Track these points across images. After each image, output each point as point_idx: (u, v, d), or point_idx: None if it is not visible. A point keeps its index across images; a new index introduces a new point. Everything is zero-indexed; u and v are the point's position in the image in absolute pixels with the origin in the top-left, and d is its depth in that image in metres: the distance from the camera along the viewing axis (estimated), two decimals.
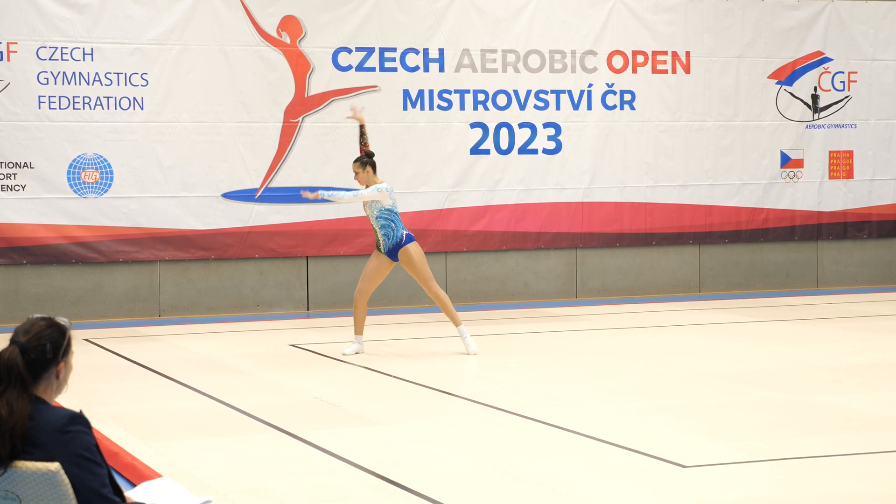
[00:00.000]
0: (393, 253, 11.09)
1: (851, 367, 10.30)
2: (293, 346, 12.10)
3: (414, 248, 11.10)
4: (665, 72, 16.29)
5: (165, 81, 14.44)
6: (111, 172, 14.30)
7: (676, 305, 15.32)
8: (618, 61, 16.10)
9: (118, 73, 14.29)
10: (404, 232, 11.10)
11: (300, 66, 14.91)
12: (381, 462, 6.94)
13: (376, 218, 11.05)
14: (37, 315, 4.15)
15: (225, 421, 8.34)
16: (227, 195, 14.73)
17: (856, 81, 17.05)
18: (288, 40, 14.87)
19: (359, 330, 11.24)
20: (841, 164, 17.05)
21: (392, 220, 11.05)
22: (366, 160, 11.16)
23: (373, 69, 15.20)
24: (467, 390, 9.35)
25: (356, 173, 11.17)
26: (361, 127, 11.54)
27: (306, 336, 12.85)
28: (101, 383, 9.96)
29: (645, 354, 11.27)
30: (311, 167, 14.97)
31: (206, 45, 14.58)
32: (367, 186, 11.08)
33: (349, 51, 15.10)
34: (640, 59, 16.19)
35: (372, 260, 11.22)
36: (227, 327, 13.78)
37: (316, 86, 14.97)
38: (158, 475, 6.25)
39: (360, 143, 11.44)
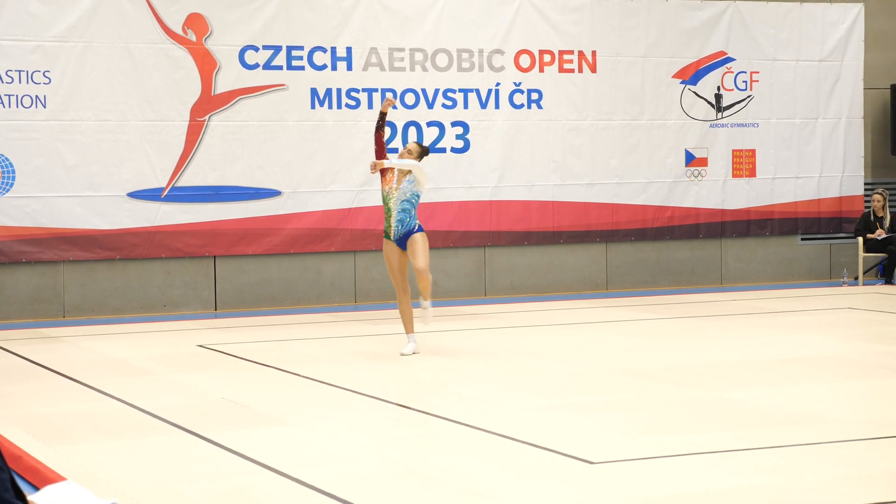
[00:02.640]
0: (403, 240, 11.03)
1: (755, 362, 10.47)
2: (201, 346, 12.00)
3: (422, 237, 11.03)
4: (572, 71, 16.42)
5: (69, 79, 14.22)
6: (13, 172, 14.05)
7: (584, 303, 15.46)
8: (525, 60, 16.19)
9: (19, 71, 14.05)
10: (418, 221, 11.09)
11: (206, 65, 14.78)
12: (290, 463, 6.91)
13: (402, 201, 11.01)
14: None
15: (131, 423, 8.25)
16: (132, 194, 14.56)
17: (758, 81, 17.33)
18: (194, 38, 14.73)
19: (409, 328, 11.15)
20: (744, 163, 17.32)
21: (414, 207, 11.08)
22: (422, 147, 11.38)
23: (280, 67, 15.12)
24: (376, 389, 9.34)
25: (409, 152, 11.26)
26: (383, 115, 11.43)
27: (214, 336, 12.74)
28: (3, 386, 9.79)
29: (553, 352, 11.35)
30: (219, 166, 14.85)
31: (111, 43, 14.38)
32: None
33: (256, 49, 15.00)
34: (546, 58, 16.30)
35: (391, 256, 11.10)
36: (134, 328, 13.62)
37: (223, 84, 14.85)
38: (63, 479, 6.16)
39: (378, 126, 11.35)
